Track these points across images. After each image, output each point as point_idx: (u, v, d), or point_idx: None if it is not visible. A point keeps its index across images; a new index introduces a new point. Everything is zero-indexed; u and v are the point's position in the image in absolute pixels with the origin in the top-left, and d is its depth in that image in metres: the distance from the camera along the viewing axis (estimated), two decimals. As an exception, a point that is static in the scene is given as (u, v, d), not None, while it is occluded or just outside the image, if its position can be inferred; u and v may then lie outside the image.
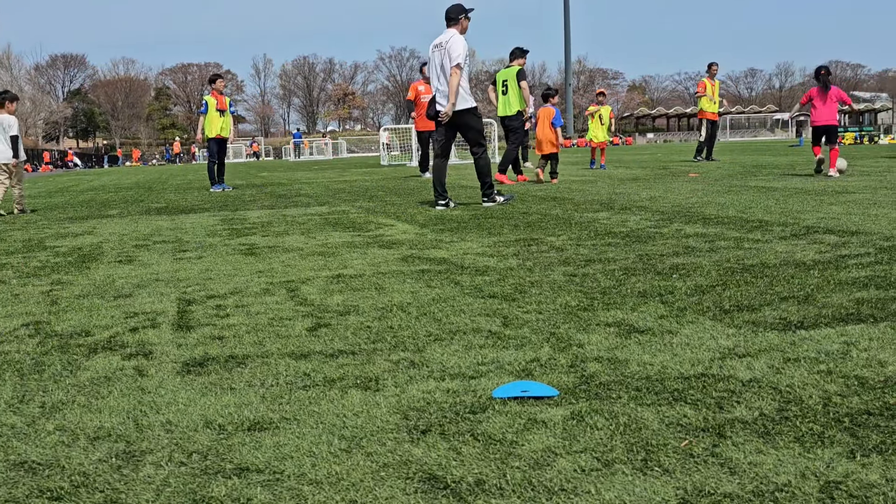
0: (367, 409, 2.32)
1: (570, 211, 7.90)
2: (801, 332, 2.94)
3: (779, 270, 4.15)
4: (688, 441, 1.98)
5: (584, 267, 4.53)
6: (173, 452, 2.06)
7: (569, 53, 68.13)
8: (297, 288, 4.30)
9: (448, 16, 9.05)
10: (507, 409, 2.26)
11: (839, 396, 2.25)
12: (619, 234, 5.92)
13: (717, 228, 5.98)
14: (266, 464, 1.96)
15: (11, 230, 8.63)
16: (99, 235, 7.62)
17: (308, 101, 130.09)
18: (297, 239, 6.56)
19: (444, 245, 5.76)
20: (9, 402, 2.54)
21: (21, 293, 4.54)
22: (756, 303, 3.44)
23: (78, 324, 3.66)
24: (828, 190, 9.18)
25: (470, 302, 3.74)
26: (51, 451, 2.10)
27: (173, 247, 6.41)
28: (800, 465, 1.82)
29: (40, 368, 2.92)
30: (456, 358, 2.81)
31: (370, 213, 8.79)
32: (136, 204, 12.34)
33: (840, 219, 6.24)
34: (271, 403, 2.41)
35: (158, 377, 2.75)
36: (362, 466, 1.92)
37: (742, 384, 2.39)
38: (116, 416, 2.35)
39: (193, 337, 3.30)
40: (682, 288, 3.81)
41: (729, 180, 11.78)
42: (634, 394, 2.35)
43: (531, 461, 1.91)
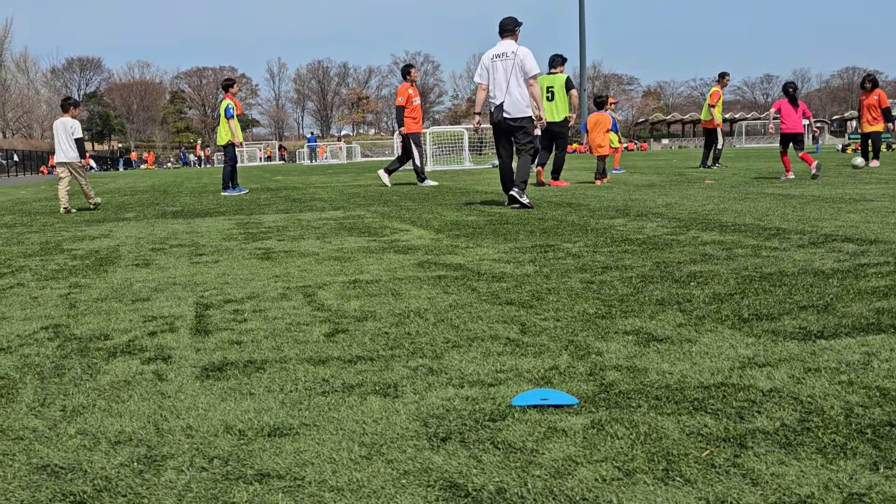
0: (387, 416, 2.32)
1: (586, 217, 7.89)
2: (822, 342, 2.93)
3: (797, 279, 4.13)
4: (709, 451, 1.97)
5: (602, 274, 4.52)
6: (194, 457, 2.06)
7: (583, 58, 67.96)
8: (314, 293, 4.31)
9: (506, 27, 9.74)
10: (526, 417, 2.26)
11: (861, 407, 2.23)
12: (635, 240, 5.90)
13: (734, 236, 5.96)
14: (287, 470, 1.96)
15: (29, 233, 8.68)
16: (116, 238, 7.66)
17: (322, 105, 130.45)
18: (313, 243, 6.58)
19: (460, 251, 5.77)
20: (30, 406, 2.55)
21: (40, 296, 4.57)
22: (775, 312, 3.43)
23: (97, 327, 3.68)
24: (845, 198, 9.14)
25: (487, 308, 3.74)
26: (73, 455, 2.11)
27: (189, 250, 6.44)
28: (822, 477, 1.81)
29: (60, 372, 2.93)
30: (474, 365, 2.81)
31: (385, 217, 8.81)
32: (151, 207, 12.40)
33: (858, 227, 6.21)
34: (291, 409, 2.42)
35: (178, 382, 2.76)
36: (383, 473, 1.92)
37: (763, 394, 2.38)
38: (137, 421, 2.36)
39: (212, 341, 3.31)
40: (700, 296, 3.80)
41: (745, 187, 11.75)
42: (654, 403, 2.34)
43: (552, 470, 1.90)
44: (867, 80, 17.83)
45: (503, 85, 9.58)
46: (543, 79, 13.82)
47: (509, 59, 9.56)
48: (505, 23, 9.78)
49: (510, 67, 9.53)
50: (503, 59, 9.60)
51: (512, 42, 9.70)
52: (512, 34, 9.73)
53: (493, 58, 9.69)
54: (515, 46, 9.62)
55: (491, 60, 9.69)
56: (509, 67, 9.54)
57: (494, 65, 9.65)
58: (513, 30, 9.73)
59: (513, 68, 9.51)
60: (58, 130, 12.32)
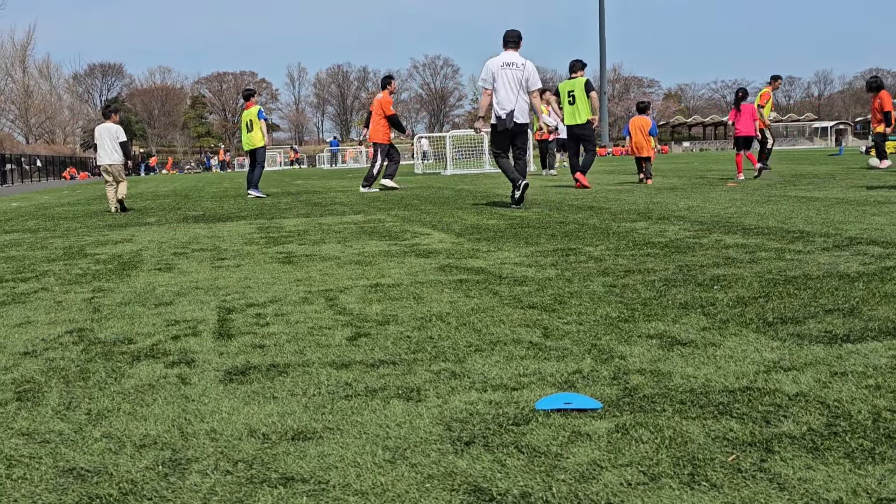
0: (410, 420, 2.32)
1: (608, 220, 7.87)
2: (848, 346, 2.90)
3: (822, 282, 4.10)
4: (735, 455, 1.96)
5: (624, 277, 4.50)
6: (219, 461, 2.07)
7: (604, 61, 67.87)
8: (336, 297, 4.32)
9: (512, 39, 10.36)
10: (550, 422, 2.25)
11: (889, 412, 2.21)
12: (657, 244, 5.88)
13: (757, 239, 5.92)
14: (311, 473, 1.97)
15: (52, 237, 8.75)
16: (138, 243, 7.71)
17: (342, 109, 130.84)
18: (334, 247, 6.59)
19: (482, 254, 5.76)
20: (56, 409, 2.57)
21: (64, 300, 4.60)
22: (800, 315, 3.40)
23: (120, 331, 3.70)
24: (870, 200, 9.07)
25: (509, 312, 3.73)
26: (98, 458, 2.12)
27: (211, 255, 6.47)
28: (851, 482, 1.79)
29: (85, 375, 2.95)
30: (497, 369, 2.81)
31: (406, 221, 8.82)
32: (173, 212, 12.47)
33: (884, 230, 6.16)
34: (314, 413, 2.42)
35: (201, 385, 2.77)
36: (407, 478, 1.92)
37: (789, 398, 2.36)
38: (161, 424, 2.37)
39: (234, 345, 3.33)
40: (723, 299, 3.78)
41: (768, 190, 11.67)
42: (679, 407, 2.33)
43: (577, 474, 1.90)
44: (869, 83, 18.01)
45: (512, 93, 10.08)
46: (564, 84, 14.47)
47: (518, 69, 10.10)
48: (511, 35, 10.37)
49: (520, 77, 10.08)
50: (513, 68, 10.10)
51: (517, 53, 10.28)
52: (516, 45, 10.34)
53: (503, 65, 10.12)
54: (522, 59, 10.20)
55: (501, 68, 10.11)
56: (519, 76, 10.08)
57: (504, 72, 10.09)
58: (517, 42, 10.36)
59: (521, 79, 10.09)
60: (102, 135, 13.08)
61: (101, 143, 13.09)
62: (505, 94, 10.09)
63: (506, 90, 10.08)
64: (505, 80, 10.07)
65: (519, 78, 10.08)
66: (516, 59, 10.18)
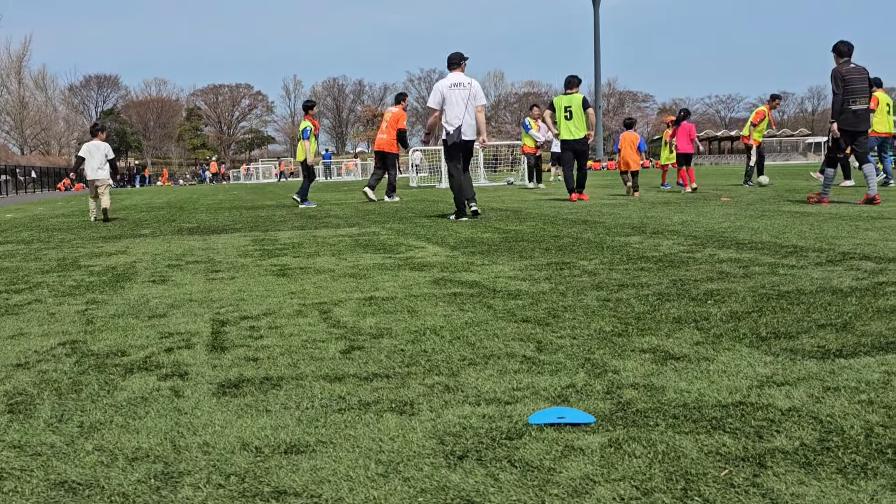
0: (403, 434, 2.32)
1: (602, 234, 7.88)
2: (841, 361, 2.91)
3: (815, 297, 4.11)
4: (728, 470, 1.96)
5: (618, 292, 4.51)
6: (211, 474, 2.07)
7: (598, 75, 68.14)
8: (330, 310, 4.32)
9: (455, 61, 11.17)
10: (543, 436, 2.25)
11: (881, 427, 2.21)
12: (651, 258, 5.89)
13: (751, 254, 5.93)
14: (304, 487, 1.96)
15: (46, 249, 8.73)
16: (132, 255, 7.70)
17: (337, 121, 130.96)
18: (329, 260, 6.59)
19: (476, 268, 5.76)
20: (48, 422, 2.56)
21: (57, 312, 4.59)
22: (793, 330, 3.41)
23: (114, 343, 3.69)
24: (863, 215, 9.10)
25: (503, 326, 3.73)
26: (90, 472, 2.12)
27: (206, 267, 6.46)
28: (843, 498, 1.79)
29: (78, 388, 2.94)
30: (491, 383, 2.81)
31: (400, 234, 8.82)
32: (167, 223, 12.46)
33: (877, 245, 6.18)
34: (307, 426, 2.41)
35: (194, 398, 2.76)
36: (400, 492, 1.92)
37: (781, 413, 2.36)
38: (154, 437, 2.37)
39: (228, 358, 3.32)
40: (717, 314, 3.79)
41: (762, 205, 11.71)
42: (672, 421, 2.33)
43: (570, 489, 1.90)
44: None
45: (461, 111, 10.87)
46: (561, 99, 14.67)
47: (465, 89, 10.94)
48: (455, 57, 11.19)
49: (467, 96, 10.92)
50: (460, 87, 10.95)
51: (462, 74, 11.10)
52: (459, 66, 11.15)
53: (452, 86, 10.97)
54: (468, 78, 11.03)
55: (449, 89, 10.95)
56: (466, 96, 10.91)
57: (453, 93, 10.92)
58: (459, 63, 11.17)
59: (469, 97, 10.91)
60: (91, 152, 14.00)
61: (90, 160, 13.95)
62: (454, 112, 10.87)
63: (455, 109, 10.88)
64: (453, 100, 10.88)
65: (466, 97, 10.89)
66: (463, 80, 10.98)
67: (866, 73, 11.15)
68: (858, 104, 11.04)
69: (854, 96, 11.01)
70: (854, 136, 11.19)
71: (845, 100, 11.00)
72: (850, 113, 11.03)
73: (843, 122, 11.10)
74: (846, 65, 11.09)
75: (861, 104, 11.05)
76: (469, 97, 10.89)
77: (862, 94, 11.03)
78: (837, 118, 11.11)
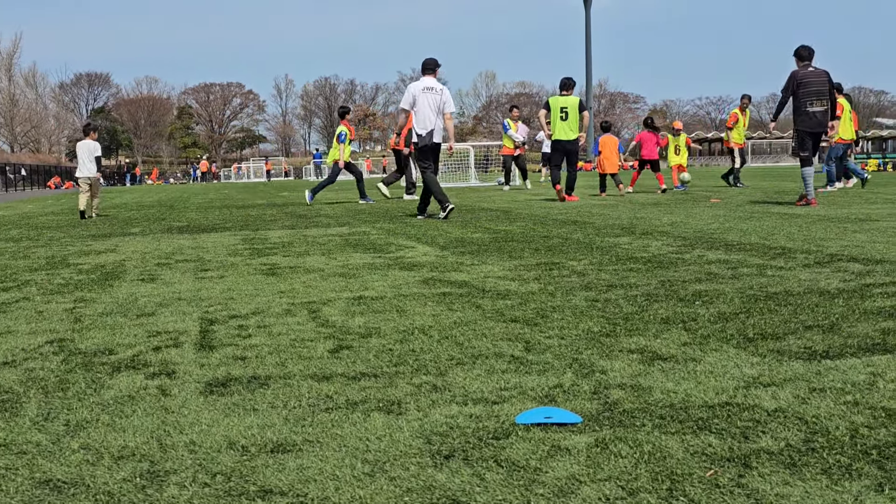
0: (390, 433, 2.32)
1: (591, 235, 7.89)
2: (827, 362, 2.92)
3: (803, 299, 4.13)
4: (713, 471, 1.97)
5: (606, 292, 4.52)
6: (197, 473, 2.06)
7: (590, 77, 68.19)
8: (319, 309, 4.31)
9: (429, 66, 11.62)
10: (530, 436, 2.25)
11: (866, 428, 2.22)
12: (640, 259, 5.90)
13: (739, 255, 5.95)
14: (290, 486, 1.96)
15: (35, 247, 8.71)
16: (121, 253, 7.68)
17: (329, 121, 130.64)
18: (318, 259, 6.58)
19: (465, 268, 5.77)
20: (34, 420, 2.55)
21: (45, 310, 4.57)
22: (780, 331, 3.42)
23: (101, 342, 3.68)
24: (851, 217, 9.13)
25: (492, 326, 3.74)
26: (76, 470, 2.11)
27: (195, 266, 6.45)
28: (827, 498, 1.80)
29: (64, 386, 2.94)
30: (478, 382, 2.81)
31: (390, 234, 8.82)
32: (157, 222, 12.43)
33: (864, 247, 6.20)
34: (294, 425, 2.41)
35: (182, 397, 2.76)
36: (386, 491, 1.92)
37: (767, 414, 2.37)
38: (140, 436, 2.36)
39: (216, 357, 3.32)
40: (705, 315, 3.80)
41: (751, 206, 11.74)
42: (658, 422, 2.33)
43: (556, 489, 1.90)
44: None
45: (432, 114, 11.38)
46: (557, 100, 14.82)
47: (436, 94, 11.42)
48: (429, 63, 11.61)
49: (438, 101, 11.42)
50: (432, 92, 11.42)
51: (435, 79, 11.62)
52: (433, 72, 11.64)
53: (424, 90, 11.41)
54: (440, 84, 11.55)
55: (422, 92, 11.39)
56: (437, 100, 11.42)
57: (425, 96, 11.39)
58: (434, 69, 11.65)
59: (440, 102, 11.42)
60: (81, 151, 14.98)
61: (81, 159, 14.94)
62: (425, 115, 11.37)
63: (425, 112, 11.37)
64: (425, 103, 11.35)
65: (437, 102, 11.40)
66: (435, 85, 11.49)
67: (826, 76, 11.41)
68: (816, 106, 11.34)
69: (811, 98, 11.33)
70: (813, 136, 11.57)
71: (803, 102, 11.35)
72: (808, 115, 11.39)
73: (801, 123, 11.45)
74: (805, 68, 11.45)
75: (819, 106, 11.33)
76: (440, 103, 11.40)
77: (819, 96, 11.31)
78: (796, 120, 11.52)
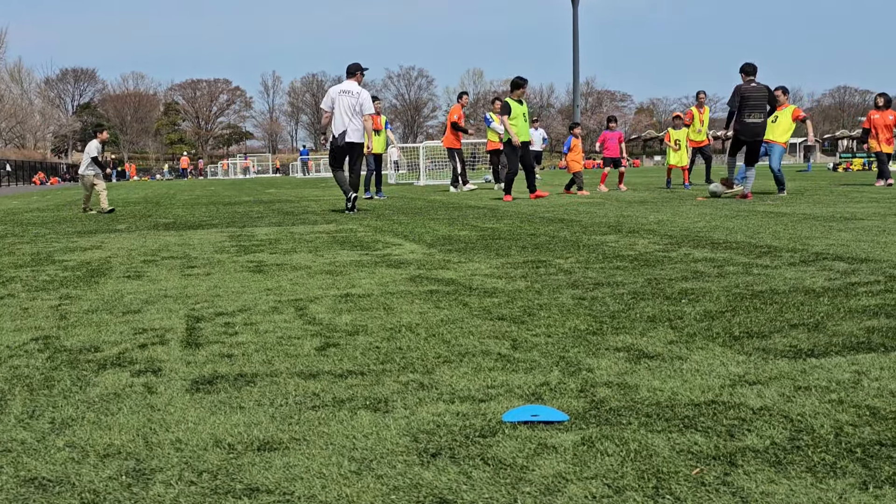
0: (377, 431, 2.31)
1: (578, 233, 7.91)
2: (812, 360, 2.93)
3: (788, 297, 4.15)
4: (699, 469, 1.97)
5: (593, 290, 4.53)
6: (183, 471, 2.06)
7: (577, 74, 68.12)
8: (306, 307, 4.31)
9: (350, 70, 12.42)
10: (517, 434, 2.26)
11: (851, 426, 2.24)
12: (627, 257, 5.92)
13: (725, 253, 5.97)
14: (276, 484, 1.96)
15: (20, 243, 8.66)
16: (107, 250, 7.65)
17: (316, 118, 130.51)
18: (305, 257, 6.57)
19: (452, 266, 5.77)
20: (19, 418, 2.54)
21: (30, 307, 4.55)
22: (766, 330, 3.43)
23: (87, 339, 3.66)
24: (836, 216, 9.18)
25: (479, 324, 3.74)
26: (61, 468, 2.10)
27: (181, 263, 6.43)
28: (812, 496, 1.81)
29: (50, 384, 2.92)
30: (465, 380, 2.81)
31: (377, 231, 8.81)
32: (143, 219, 12.38)
33: (849, 245, 6.23)
34: (281, 423, 2.41)
35: (168, 394, 2.75)
36: (372, 489, 1.92)
37: (753, 412, 2.38)
38: (126, 434, 2.35)
39: (202, 354, 3.31)
40: (691, 313, 3.81)
41: (737, 205, 11.79)
42: (645, 420, 2.34)
43: (542, 487, 1.90)
44: (880, 98, 18.09)
45: (346, 116, 12.03)
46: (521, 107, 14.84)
47: (353, 97, 12.10)
48: (350, 67, 12.42)
49: (353, 104, 12.08)
50: (348, 95, 12.10)
51: (355, 83, 12.31)
52: (354, 76, 12.38)
53: (341, 93, 12.12)
54: (359, 88, 12.22)
55: (339, 95, 12.09)
56: (353, 103, 12.09)
57: (341, 99, 12.06)
58: (355, 73, 12.39)
59: (355, 105, 12.08)
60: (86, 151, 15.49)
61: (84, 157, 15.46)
62: (339, 117, 12.04)
63: (340, 114, 12.04)
64: (340, 106, 12.04)
65: (353, 104, 12.06)
66: (352, 88, 12.17)
67: (767, 90, 13.42)
68: (754, 118, 13.29)
69: (752, 111, 13.25)
70: (750, 144, 13.50)
71: (745, 113, 13.21)
72: (748, 125, 13.29)
73: (742, 132, 13.38)
74: (749, 83, 13.37)
75: (755, 118, 13.29)
76: (356, 105, 12.04)
77: (759, 109, 13.26)
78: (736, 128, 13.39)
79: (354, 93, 12.12)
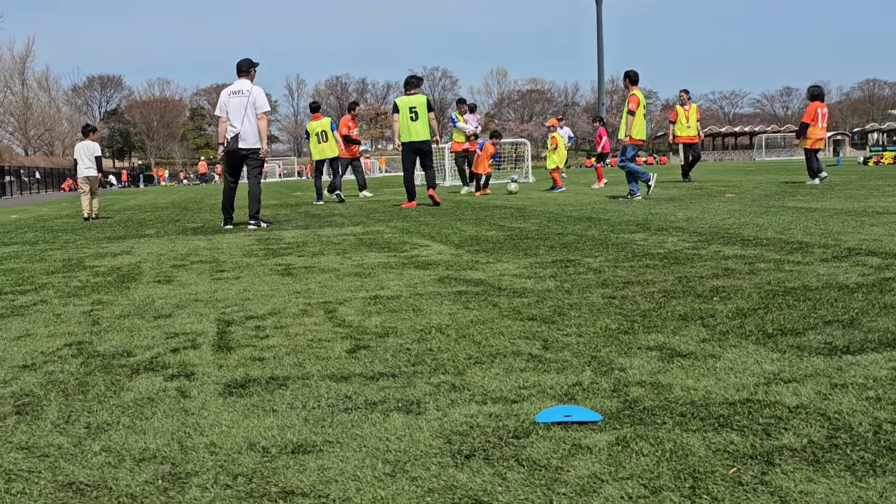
0: (410, 433, 2.31)
1: (607, 232, 7.87)
2: (848, 357, 2.90)
3: (822, 293, 4.10)
4: (736, 468, 1.96)
5: (623, 289, 4.50)
6: (218, 475, 2.07)
7: (602, 72, 67.98)
8: (335, 309, 4.32)
9: (240, 68, 11.28)
10: (550, 434, 2.25)
11: (890, 424, 2.21)
12: (656, 255, 5.88)
13: (756, 250, 5.92)
14: (311, 487, 1.96)
15: (51, 250, 8.74)
16: (137, 255, 7.71)
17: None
18: (333, 259, 6.59)
19: (481, 266, 5.76)
20: (55, 423, 2.56)
21: (63, 313, 4.59)
22: (800, 327, 3.40)
23: (120, 344, 3.69)
24: (868, 211, 9.08)
25: (509, 324, 3.73)
26: (98, 473, 2.12)
27: (210, 267, 6.46)
28: (852, 495, 1.79)
29: (84, 389, 2.95)
30: (497, 381, 2.80)
31: (405, 233, 8.82)
32: (172, 224, 12.47)
33: (882, 240, 6.16)
34: (314, 426, 2.41)
35: (201, 398, 2.76)
36: (407, 491, 1.92)
37: (789, 410, 2.36)
38: (161, 438, 2.37)
39: (234, 358, 3.32)
40: (723, 311, 3.78)
41: (766, 201, 11.68)
42: (679, 419, 2.32)
43: (577, 488, 1.89)
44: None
45: (237, 119, 11.00)
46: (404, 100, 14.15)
47: (244, 96, 11.03)
48: (239, 64, 11.32)
49: (245, 103, 11.01)
50: (239, 95, 11.07)
51: (248, 81, 11.19)
52: (247, 74, 11.24)
53: (231, 94, 11.14)
54: (251, 85, 11.13)
55: (229, 97, 11.13)
56: (244, 103, 11.01)
57: (231, 100, 11.08)
58: (248, 70, 11.26)
59: (247, 104, 11.00)
60: (80, 152, 15.37)
61: (80, 159, 15.30)
62: (232, 120, 11.05)
63: (233, 116, 11.03)
64: (232, 107, 11.05)
65: (244, 104, 11.00)
66: (243, 87, 11.08)
67: None
68: None
69: None
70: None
71: None
72: None
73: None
74: None
75: None
76: (248, 104, 11.01)
77: None
78: None
79: (245, 91, 11.08)
